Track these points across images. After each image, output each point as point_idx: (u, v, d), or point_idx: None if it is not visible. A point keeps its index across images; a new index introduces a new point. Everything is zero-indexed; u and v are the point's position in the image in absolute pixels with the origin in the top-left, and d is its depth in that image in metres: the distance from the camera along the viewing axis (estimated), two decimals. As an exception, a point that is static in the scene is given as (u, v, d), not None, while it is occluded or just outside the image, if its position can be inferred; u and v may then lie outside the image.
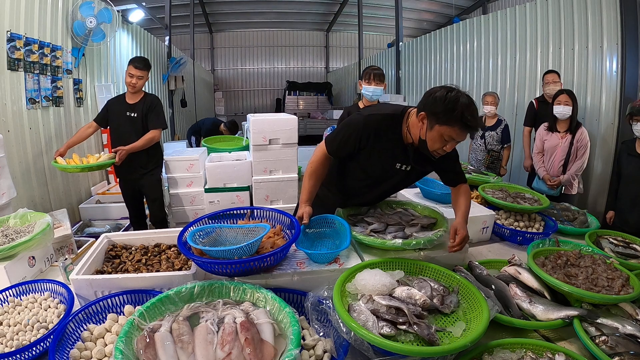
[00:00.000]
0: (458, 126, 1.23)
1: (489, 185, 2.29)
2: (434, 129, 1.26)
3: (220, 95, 13.07)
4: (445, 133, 1.25)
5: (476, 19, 5.47)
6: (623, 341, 1.00)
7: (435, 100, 1.24)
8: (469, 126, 1.23)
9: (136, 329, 0.96)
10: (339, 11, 11.57)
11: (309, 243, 1.45)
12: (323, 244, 1.48)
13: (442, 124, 1.24)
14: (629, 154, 2.42)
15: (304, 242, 1.42)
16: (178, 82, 7.54)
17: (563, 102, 2.85)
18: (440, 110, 1.22)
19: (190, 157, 3.42)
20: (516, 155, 4.55)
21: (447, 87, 1.26)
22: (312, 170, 1.52)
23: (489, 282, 1.29)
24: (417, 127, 1.34)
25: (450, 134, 1.25)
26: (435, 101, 1.24)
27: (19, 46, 2.87)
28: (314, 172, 1.52)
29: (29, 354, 1.01)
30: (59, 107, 3.43)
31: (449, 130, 1.24)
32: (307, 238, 1.47)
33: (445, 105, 1.21)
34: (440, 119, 1.23)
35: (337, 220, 1.48)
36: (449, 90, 1.24)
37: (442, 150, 1.32)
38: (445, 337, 0.99)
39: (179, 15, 9.77)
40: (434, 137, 1.28)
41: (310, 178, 1.52)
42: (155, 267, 1.35)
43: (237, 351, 0.90)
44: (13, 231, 1.56)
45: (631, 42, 3.32)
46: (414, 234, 1.45)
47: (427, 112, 1.27)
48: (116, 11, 3.99)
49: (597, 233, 1.78)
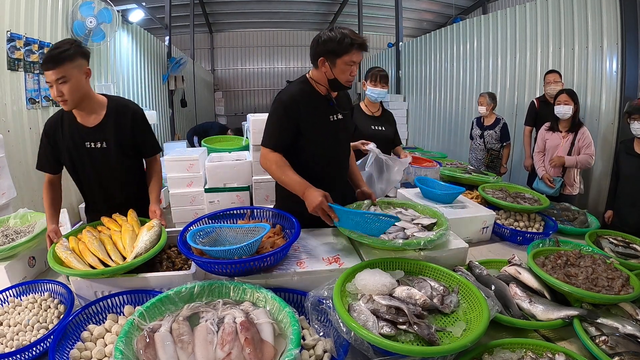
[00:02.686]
0: (353, 49, 1.46)
1: (489, 185, 2.29)
2: (337, 63, 1.48)
3: (220, 95, 13.07)
4: (347, 60, 1.47)
5: (476, 19, 5.47)
6: (623, 341, 1.00)
7: (327, 42, 1.47)
8: (360, 44, 1.46)
9: (136, 329, 0.96)
10: (339, 11, 11.56)
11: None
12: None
13: (342, 55, 1.46)
14: (627, 153, 2.42)
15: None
16: (178, 82, 7.54)
17: (563, 101, 2.85)
18: (334, 47, 1.46)
19: (190, 157, 3.41)
20: (516, 154, 4.56)
21: (326, 30, 1.49)
22: (277, 165, 1.50)
23: (489, 282, 1.29)
24: (322, 75, 1.54)
25: (351, 59, 1.47)
26: (327, 42, 1.47)
27: (19, 46, 2.87)
28: (280, 165, 1.50)
29: (29, 354, 1.01)
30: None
31: (348, 57, 1.47)
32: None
33: (336, 41, 1.45)
34: (339, 53, 1.46)
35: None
36: (330, 30, 1.48)
37: (351, 76, 1.54)
38: (445, 337, 0.99)
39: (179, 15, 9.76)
40: (340, 70, 1.50)
41: (283, 168, 1.49)
42: (155, 267, 1.35)
43: (237, 351, 0.90)
44: (13, 231, 1.56)
45: (631, 42, 3.32)
46: (414, 234, 1.45)
47: (325, 55, 1.48)
48: (116, 11, 3.99)
49: (597, 233, 1.78)
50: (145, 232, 1.36)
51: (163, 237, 1.38)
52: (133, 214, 1.52)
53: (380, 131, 2.50)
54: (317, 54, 1.51)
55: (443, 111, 6.31)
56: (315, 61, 1.53)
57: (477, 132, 4.02)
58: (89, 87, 1.52)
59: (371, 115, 2.54)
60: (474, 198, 2.19)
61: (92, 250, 1.29)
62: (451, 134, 6.09)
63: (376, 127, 2.51)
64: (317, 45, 1.50)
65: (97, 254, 1.28)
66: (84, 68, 1.48)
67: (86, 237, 1.36)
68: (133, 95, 5.52)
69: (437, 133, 6.52)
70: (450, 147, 5.96)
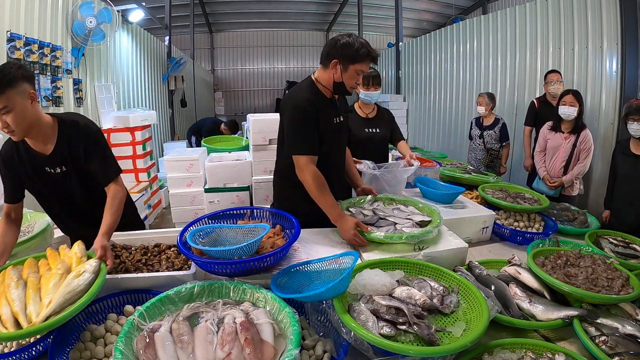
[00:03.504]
0: (367, 60, 1.54)
1: (489, 185, 2.29)
2: (349, 69, 1.54)
3: (220, 95, 13.08)
4: (358, 69, 1.55)
5: (476, 19, 5.47)
6: (623, 341, 1.00)
7: (345, 47, 1.52)
8: (373, 57, 1.55)
9: (136, 329, 0.96)
10: (339, 11, 11.56)
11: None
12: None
13: (355, 62, 1.53)
14: (623, 153, 2.42)
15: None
16: (178, 82, 7.55)
17: (568, 102, 2.83)
18: (351, 53, 1.51)
19: (190, 157, 3.42)
20: (516, 154, 4.56)
21: (344, 35, 1.56)
22: (317, 183, 1.52)
23: (488, 282, 1.29)
24: (329, 77, 1.59)
25: (361, 68, 1.55)
26: (345, 47, 1.52)
27: (19, 46, 2.87)
28: (319, 184, 1.52)
29: (29, 354, 1.01)
30: (59, 107, 3.44)
31: (360, 66, 1.54)
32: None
33: (354, 49, 1.51)
34: (355, 60, 1.52)
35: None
36: (348, 36, 1.55)
37: (356, 83, 1.61)
38: (445, 337, 0.99)
39: (179, 15, 9.76)
40: (350, 76, 1.56)
41: (322, 188, 1.52)
42: (155, 267, 1.35)
43: (237, 351, 0.90)
44: (13, 231, 1.55)
45: (631, 42, 3.32)
46: (403, 229, 1.47)
47: (340, 59, 1.53)
48: (116, 11, 3.99)
49: (597, 233, 1.78)
50: (70, 280, 1.05)
51: (97, 284, 1.07)
52: (79, 247, 1.24)
53: (375, 133, 2.46)
54: (332, 55, 1.55)
55: (443, 111, 6.31)
56: (327, 61, 1.57)
57: (476, 132, 4.02)
58: (36, 111, 1.35)
59: (365, 117, 2.48)
60: (474, 198, 2.19)
61: (8, 298, 1.03)
62: (451, 134, 6.09)
63: (370, 130, 2.46)
64: (334, 47, 1.55)
65: (12, 305, 1.01)
66: (28, 92, 1.30)
67: (8, 278, 1.09)
68: (133, 95, 5.52)
69: (437, 133, 6.52)
70: (450, 147, 5.97)
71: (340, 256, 1.22)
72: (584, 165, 2.90)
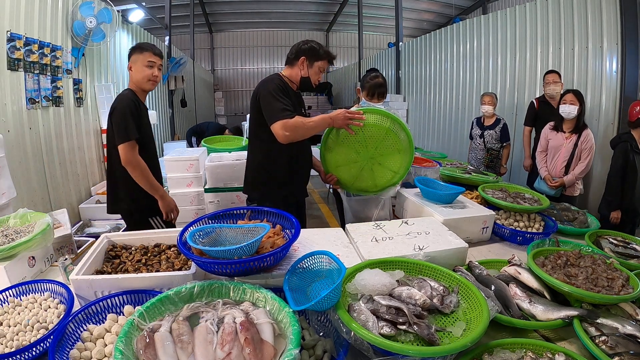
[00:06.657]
0: (327, 58, 1.98)
1: (489, 185, 2.29)
2: (315, 65, 1.95)
3: (220, 95, 13.08)
4: (322, 66, 1.98)
5: (476, 19, 5.47)
6: (623, 341, 1.00)
7: (310, 48, 1.94)
8: (331, 59, 2.01)
9: (136, 329, 0.96)
10: (339, 11, 11.57)
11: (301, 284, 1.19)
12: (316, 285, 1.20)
13: (319, 59, 1.95)
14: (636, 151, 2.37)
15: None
16: (178, 82, 7.55)
17: (569, 101, 2.82)
18: (315, 52, 1.94)
19: (190, 157, 3.41)
20: (516, 154, 4.56)
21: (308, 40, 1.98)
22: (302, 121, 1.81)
23: (488, 282, 1.29)
24: (297, 73, 1.97)
25: (323, 65, 1.98)
26: (310, 48, 1.94)
27: (19, 46, 2.87)
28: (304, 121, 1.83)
29: (29, 355, 1.01)
30: (59, 107, 3.44)
31: (322, 64, 1.97)
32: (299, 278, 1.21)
33: (317, 49, 1.95)
34: (320, 57, 1.95)
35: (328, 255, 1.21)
36: (310, 41, 1.98)
37: (318, 80, 2.04)
38: (445, 337, 0.99)
39: (179, 15, 9.78)
40: (315, 71, 1.97)
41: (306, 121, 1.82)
42: (155, 267, 1.35)
43: (237, 351, 0.90)
44: (13, 231, 1.56)
45: (631, 42, 3.33)
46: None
47: (307, 56, 1.93)
48: (116, 11, 3.99)
49: (597, 233, 1.78)
50: None
51: None
52: None
53: None
54: (300, 53, 1.94)
55: (443, 111, 6.31)
56: (295, 59, 1.95)
57: (477, 132, 4.02)
58: None
59: None
60: (474, 198, 2.18)
61: None
62: (451, 134, 6.09)
63: None
64: (301, 48, 1.95)
65: None
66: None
67: None
68: (133, 95, 5.51)
69: (437, 133, 6.52)
70: (450, 147, 5.97)
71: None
72: (586, 165, 2.89)
